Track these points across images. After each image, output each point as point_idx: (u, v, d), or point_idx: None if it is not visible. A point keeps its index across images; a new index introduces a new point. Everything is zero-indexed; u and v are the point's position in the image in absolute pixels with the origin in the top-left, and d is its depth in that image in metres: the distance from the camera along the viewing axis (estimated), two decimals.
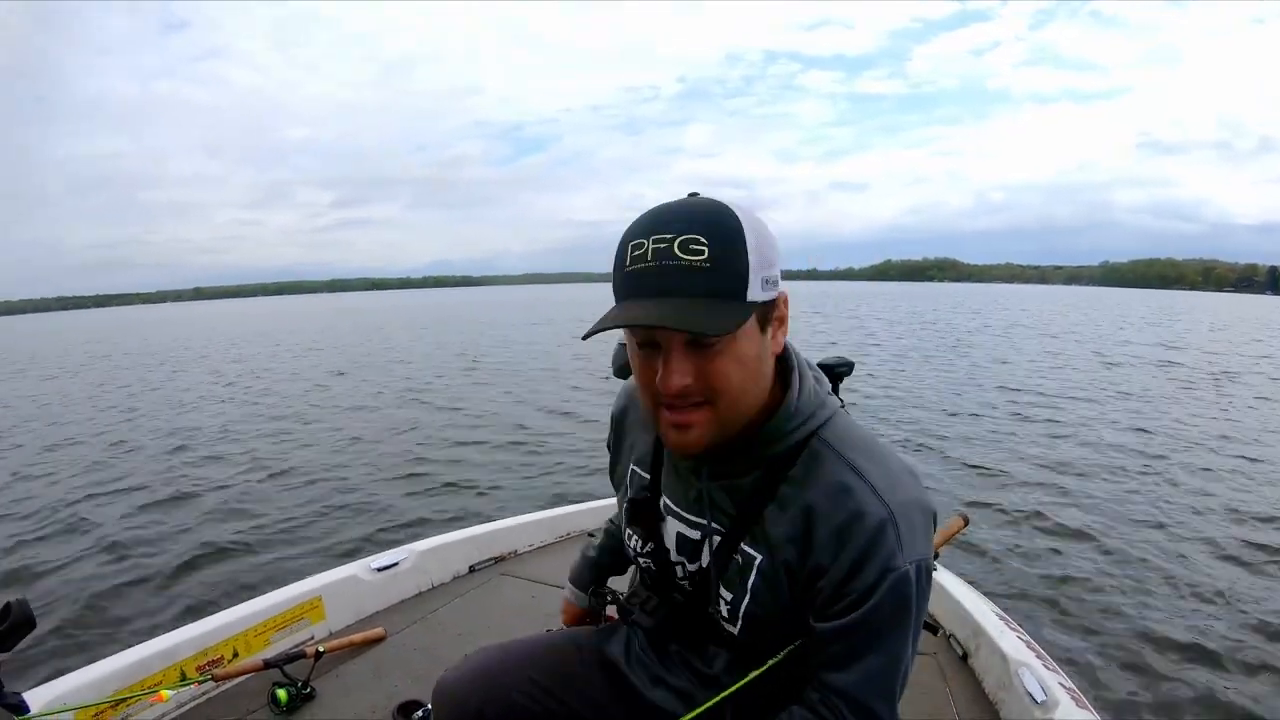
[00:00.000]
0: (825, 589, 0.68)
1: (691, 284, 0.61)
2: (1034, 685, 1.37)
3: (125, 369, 14.74)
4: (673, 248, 0.61)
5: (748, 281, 0.62)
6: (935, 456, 6.08)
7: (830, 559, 0.67)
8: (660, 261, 0.61)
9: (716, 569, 0.76)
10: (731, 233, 0.62)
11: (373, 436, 6.98)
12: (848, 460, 0.70)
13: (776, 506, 0.71)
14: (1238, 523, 4.44)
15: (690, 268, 0.61)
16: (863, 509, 0.67)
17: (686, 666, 0.86)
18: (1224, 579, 3.55)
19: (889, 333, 20.66)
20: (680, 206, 0.65)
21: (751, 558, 0.73)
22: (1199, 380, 11.07)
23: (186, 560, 3.81)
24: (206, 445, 6.80)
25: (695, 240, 0.61)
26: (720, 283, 0.61)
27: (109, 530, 4.34)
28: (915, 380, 10.70)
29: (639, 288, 0.63)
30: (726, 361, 0.64)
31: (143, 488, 5.33)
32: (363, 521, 4.42)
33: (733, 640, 0.77)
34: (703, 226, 0.62)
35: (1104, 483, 5.32)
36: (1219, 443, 6.69)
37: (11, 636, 0.92)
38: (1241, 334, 22.65)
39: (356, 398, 9.53)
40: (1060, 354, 14.72)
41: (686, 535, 0.79)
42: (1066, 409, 8.28)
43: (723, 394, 0.65)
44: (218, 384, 11.59)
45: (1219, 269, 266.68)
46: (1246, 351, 16.10)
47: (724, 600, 0.76)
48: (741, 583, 0.74)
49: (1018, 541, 4.06)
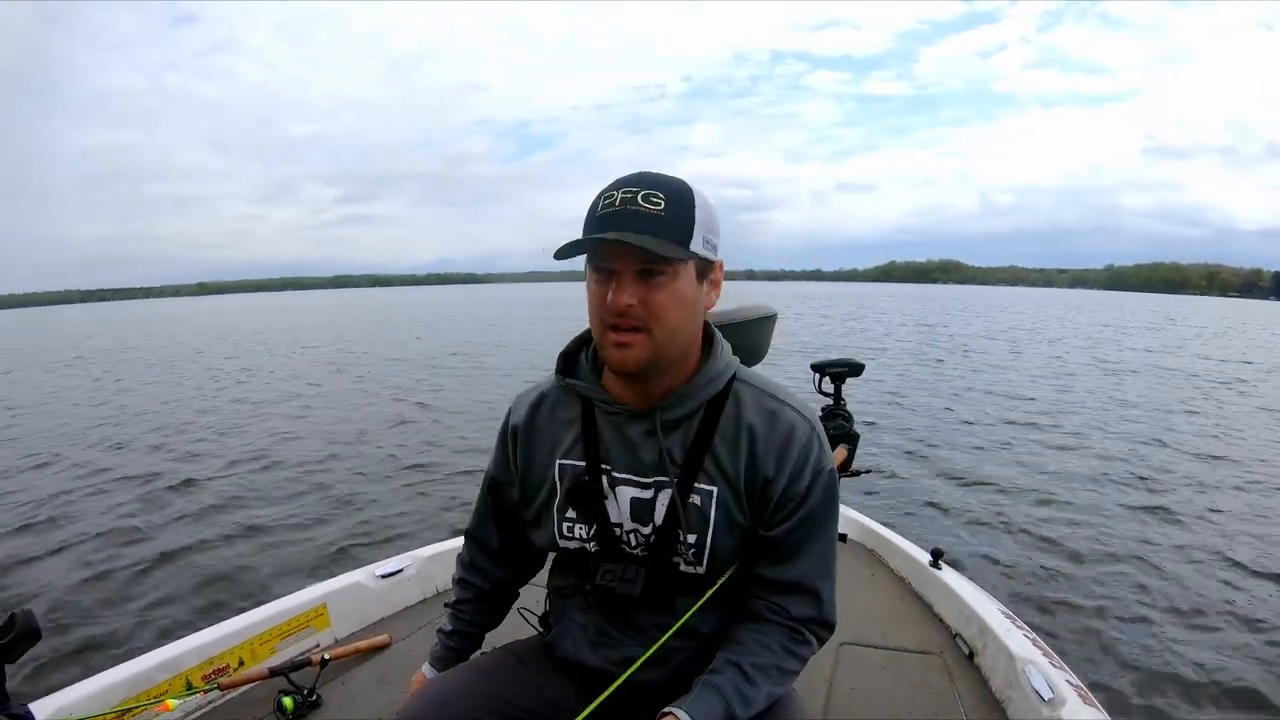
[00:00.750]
0: (773, 497, 0.83)
1: (648, 224, 0.76)
2: (1041, 683, 1.37)
3: (122, 364, 14.71)
4: (636, 197, 0.77)
5: (692, 234, 0.78)
6: (931, 458, 6.08)
7: (774, 469, 0.82)
8: (625, 206, 0.76)
9: (675, 515, 0.84)
10: (684, 196, 0.78)
11: (373, 438, 6.98)
12: (768, 392, 0.87)
13: (721, 436, 0.84)
14: (1246, 523, 4.44)
15: (649, 213, 0.76)
16: (793, 424, 0.84)
17: (653, 626, 0.88)
18: (1233, 577, 3.55)
19: (889, 336, 20.65)
20: (648, 173, 0.80)
21: (709, 492, 0.84)
22: (1202, 385, 11.06)
23: (186, 567, 3.81)
24: (201, 446, 6.79)
25: (655, 194, 0.77)
26: (671, 228, 0.76)
27: (104, 535, 4.33)
28: (910, 384, 10.69)
29: (606, 224, 0.77)
30: (666, 294, 0.78)
31: (136, 487, 5.30)
32: (365, 527, 4.42)
33: (698, 582, 0.86)
34: (663, 187, 0.78)
35: (1104, 483, 5.33)
36: (1222, 445, 6.68)
37: (16, 648, 0.92)
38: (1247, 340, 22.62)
39: (356, 396, 9.53)
40: (1060, 358, 14.72)
41: (640, 497, 0.87)
42: (1063, 412, 8.28)
43: (659, 322, 0.78)
44: (214, 382, 11.55)
45: (1224, 274, 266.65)
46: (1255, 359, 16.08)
47: (688, 545, 0.85)
48: (703, 520, 0.84)
49: (1020, 542, 4.06)
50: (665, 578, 0.87)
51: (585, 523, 0.89)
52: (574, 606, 0.95)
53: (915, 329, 22.20)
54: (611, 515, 0.88)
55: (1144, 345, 17.14)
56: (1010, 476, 5.41)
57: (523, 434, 0.94)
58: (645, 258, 0.75)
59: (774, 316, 1.56)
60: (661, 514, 0.85)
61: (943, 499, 4.85)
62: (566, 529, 0.90)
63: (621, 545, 0.88)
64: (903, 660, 1.66)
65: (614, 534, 0.88)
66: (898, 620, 1.87)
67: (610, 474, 0.87)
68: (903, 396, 9.12)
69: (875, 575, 2.15)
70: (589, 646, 0.92)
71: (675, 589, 0.87)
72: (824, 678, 1.58)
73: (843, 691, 1.54)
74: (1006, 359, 13.87)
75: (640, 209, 0.76)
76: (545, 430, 0.93)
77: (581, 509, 0.89)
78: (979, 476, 5.40)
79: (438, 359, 14.65)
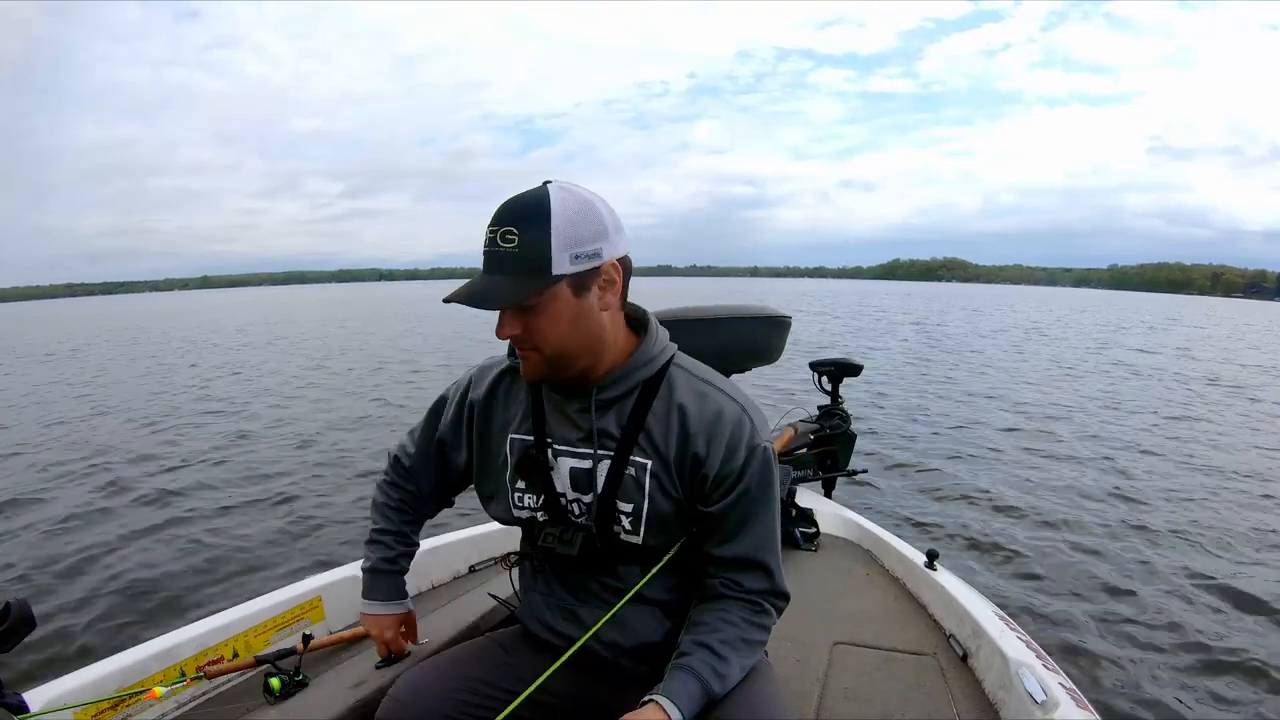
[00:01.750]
0: (709, 475, 0.88)
1: (504, 264, 0.81)
2: (1034, 686, 1.37)
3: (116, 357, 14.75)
4: (496, 238, 0.81)
5: (550, 260, 0.80)
6: (930, 459, 6.08)
7: (705, 448, 0.88)
8: (491, 248, 0.82)
9: (612, 484, 0.90)
10: (539, 221, 0.80)
11: (372, 433, 6.99)
12: (699, 376, 0.93)
13: (654, 414, 0.90)
14: (1239, 522, 4.45)
15: (506, 253, 0.80)
16: (722, 406, 0.89)
17: (607, 591, 0.95)
18: (1230, 583, 3.56)
19: (888, 335, 20.63)
20: (512, 201, 0.83)
21: (643, 464, 0.90)
22: (1202, 387, 11.06)
23: (179, 561, 3.82)
24: (194, 446, 6.81)
25: (510, 231, 0.80)
26: (524, 264, 0.80)
27: (101, 527, 4.35)
28: (909, 384, 10.70)
29: (484, 265, 0.83)
30: (543, 320, 0.83)
31: (129, 488, 5.33)
32: (359, 523, 4.43)
33: (638, 551, 0.92)
34: (517, 220, 0.81)
35: (1103, 488, 5.33)
36: (1226, 455, 6.68)
37: (12, 637, 0.92)
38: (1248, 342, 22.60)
39: (356, 398, 9.55)
40: (1058, 360, 14.71)
41: (579, 468, 0.93)
42: (1063, 416, 8.28)
43: (543, 343, 0.85)
44: (218, 375, 11.59)
45: (1228, 274, 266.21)
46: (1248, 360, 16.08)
47: (624, 515, 0.91)
48: (639, 490, 0.90)
49: (1016, 544, 4.06)
50: (608, 545, 0.93)
51: (534, 493, 0.96)
52: (526, 574, 1.05)
53: (913, 328, 22.20)
54: (557, 485, 0.95)
55: (1144, 345, 17.18)
56: (1009, 478, 5.42)
57: (480, 409, 1.01)
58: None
59: (788, 321, 1.56)
60: (600, 483, 0.92)
61: (940, 500, 4.86)
62: (518, 499, 0.98)
63: (567, 514, 0.95)
64: (896, 661, 1.67)
65: (560, 503, 0.95)
66: (891, 621, 1.87)
67: (553, 446, 0.94)
68: (903, 396, 9.13)
69: (870, 575, 2.16)
70: (555, 614, 1.00)
71: (618, 556, 0.94)
72: (817, 678, 1.58)
73: (835, 691, 1.54)
74: (1006, 359, 13.88)
75: (500, 250, 0.81)
76: (500, 408, 1.01)
77: (530, 479, 0.96)
78: (977, 478, 5.41)
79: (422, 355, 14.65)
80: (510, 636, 1.08)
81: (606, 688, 0.98)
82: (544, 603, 1.01)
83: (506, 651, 1.04)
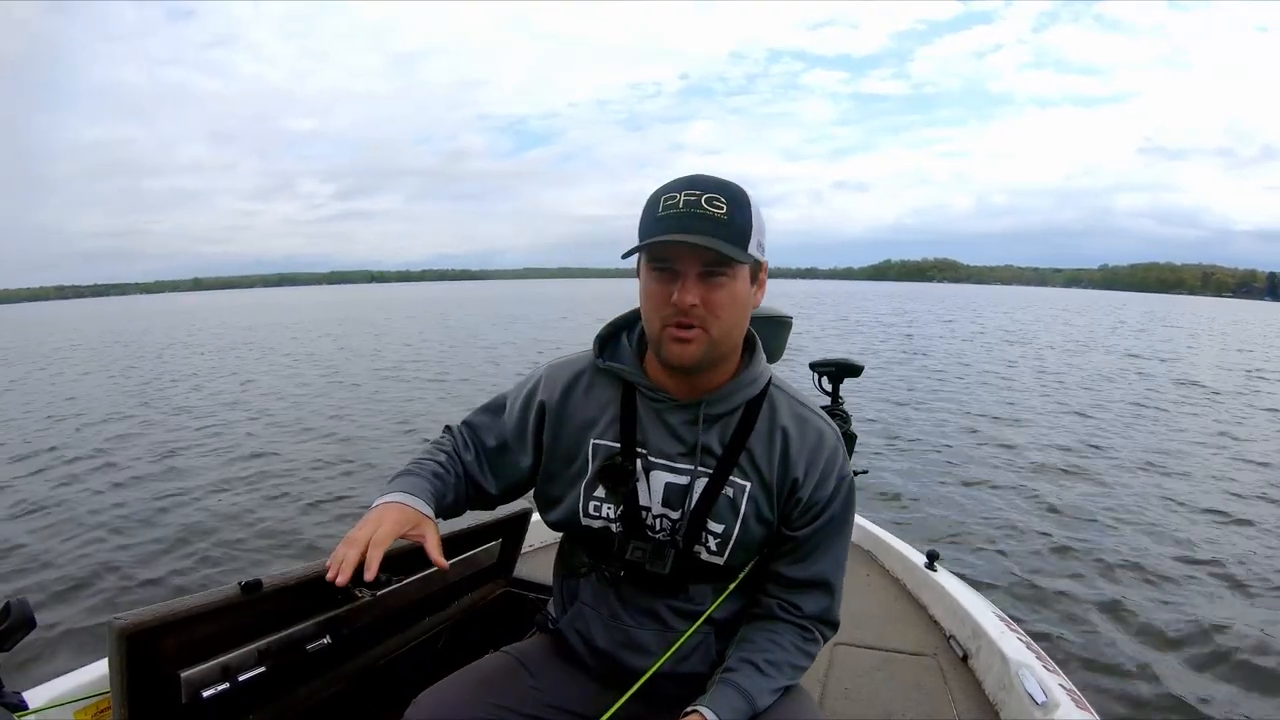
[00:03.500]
0: (801, 499, 0.88)
1: (711, 227, 0.79)
2: (1034, 687, 1.37)
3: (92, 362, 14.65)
4: (700, 200, 0.80)
5: (749, 238, 0.81)
6: (929, 459, 6.09)
7: (803, 473, 0.88)
8: (691, 209, 0.79)
9: (705, 503, 0.88)
10: (743, 202, 0.81)
11: (373, 434, 6.98)
12: (799, 400, 0.93)
13: (756, 435, 0.89)
14: (1234, 524, 4.46)
15: (714, 217, 0.79)
16: (822, 432, 0.90)
17: (671, 613, 0.92)
18: (1230, 583, 3.57)
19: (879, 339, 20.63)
20: (705, 175, 0.82)
21: (741, 486, 0.88)
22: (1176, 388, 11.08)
23: (173, 561, 3.81)
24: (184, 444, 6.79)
25: (717, 199, 0.80)
26: (732, 232, 0.80)
27: (95, 526, 4.33)
28: (909, 383, 10.70)
29: (671, 225, 0.79)
30: (725, 294, 0.81)
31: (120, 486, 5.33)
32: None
33: (715, 571, 0.90)
34: (724, 192, 0.80)
35: (1103, 488, 5.34)
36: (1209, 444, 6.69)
37: (11, 636, 0.92)
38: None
39: (356, 395, 9.53)
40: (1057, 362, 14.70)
41: (675, 483, 0.89)
42: (1061, 416, 8.29)
43: (718, 320, 0.82)
44: (221, 379, 11.54)
45: (1219, 274, 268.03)
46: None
47: (712, 535, 0.89)
48: (733, 511, 0.88)
49: (1016, 545, 4.07)
50: (685, 563, 0.90)
51: (613, 503, 0.91)
52: (587, 587, 0.96)
53: (905, 328, 22.21)
54: (640, 498, 0.90)
55: (1141, 345, 17.20)
56: (1008, 479, 5.42)
57: (554, 412, 0.94)
58: (708, 260, 0.79)
59: (789, 321, 1.56)
60: (694, 501, 0.88)
61: (939, 501, 4.86)
62: (593, 508, 0.92)
63: (645, 528, 0.90)
64: (896, 662, 1.67)
65: (639, 516, 0.90)
66: (892, 621, 1.87)
67: (645, 458, 0.90)
68: (904, 396, 9.14)
69: (870, 576, 2.16)
70: (600, 628, 0.94)
71: (692, 575, 0.90)
72: (818, 678, 1.58)
73: (836, 692, 1.55)
74: (1008, 359, 13.90)
75: (704, 212, 0.79)
76: (579, 409, 0.94)
77: (612, 489, 0.90)
78: (976, 479, 5.41)
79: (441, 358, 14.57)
80: (533, 651, 1.00)
81: (647, 709, 0.91)
82: (596, 619, 0.95)
83: (530, 672, 0.97)
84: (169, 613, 0.88)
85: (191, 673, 0.93)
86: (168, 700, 0.92)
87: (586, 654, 0.95)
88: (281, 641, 1.05)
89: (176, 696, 0.92)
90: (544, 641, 1.02)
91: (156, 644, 0.88)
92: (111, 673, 0.86)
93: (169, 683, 0.91)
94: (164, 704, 0.91)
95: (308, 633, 1.09)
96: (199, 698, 0.94)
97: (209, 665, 0.95)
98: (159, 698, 0.91)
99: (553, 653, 0.99)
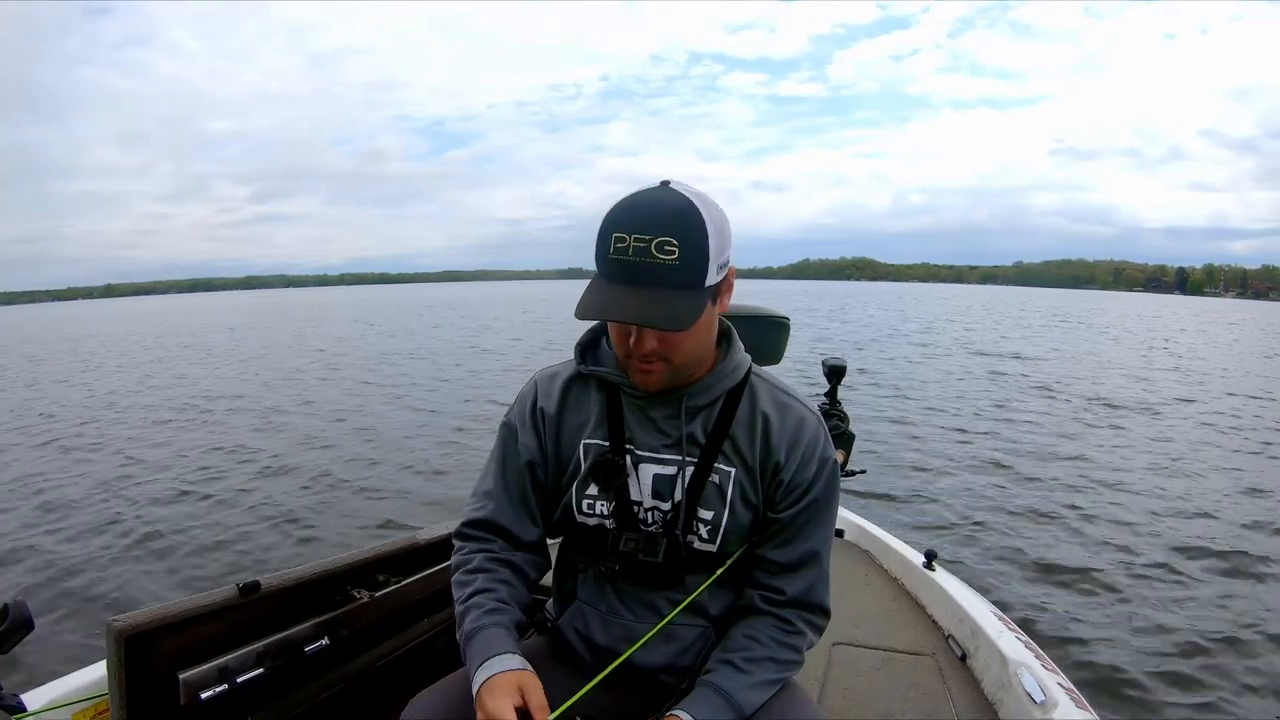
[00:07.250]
0: (783, 481, 0.89)
1: (662, 278, 0.76)
2: (1033, 685, 1.38)
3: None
4: (650, 247, 0.75)
5: (706, 272, 0.78)
6: (928, 459, 6.09)
7: (785, 456, 0.89)
8: (640, 258, 0.76)
9: (694, 491, 0.89)
10: (698, 231, 0.76)
11: (376, 435, 6.95)
12: (779, 386, 0.94)
13: (738, 423, 0.90)
14: (1234, 524, 4.46)
15: (664, 265, 0.76)
16: (803, 416, 0.91)
17: (669, 606, 0.91)
18: (1230, 583, 3.58)
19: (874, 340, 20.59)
20: (659, 206, 0.77)
21: (727, 472, 0.89)
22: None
23: (172, 561, 3.80)
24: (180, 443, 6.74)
25: (669, 242, 0.75)
26: (685, 277, 0.77)
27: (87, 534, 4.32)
28: (907, 383, 10.70)
29: (621, 275, 0.77)
30: (684, 336, 0.81)
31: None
32: (356, 520, 4.42)
33: (710, 560, 0.91)
34: (676, 230, 0.76)
35: (1102, 489, 5.34)
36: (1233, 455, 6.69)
37: (10, 639, 0.92)
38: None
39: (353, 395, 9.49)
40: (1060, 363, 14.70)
41: (663, 474, 0.90)
42: (1061, 416, 8.29)
43: (678, 355, 0.83)
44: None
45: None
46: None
47: (703, 523, 0.90)
48: (720, 498, 0.89)
49: (1015, 545, 4.07)
50: (680, 553, 0.91)
51: (605, 499, 0.92)
52: (584, 584, 0.96)
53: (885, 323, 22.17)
54: (632, 492, 0.91)
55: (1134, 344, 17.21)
56: (1008, 479, 5.43)
57: (552, 417, 0.95)
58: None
59: (787, 322, 1.56)
60: (682, 490, 0.90)
61: (938, 501, 4.86)
62: (586, 506, 0.93)
63: (638, 522, 0.91)
64: (895, 661, 1.67)
65: (632, 510, 0.91)
66: (891, 621, 1.87)
67: (634, 452, 0.91)
68: (903, 396, 9.14)
69: (869, 575, 2.16)
70: (599, 624, 0.94)
71: (686, 565, 0.91)
72: (816, 678, 1.58)
73: (835, 692, 1.55)
74: (1005, 358, 13.91)
75: (655, 261, 0.75)
76: (571, 415, 0.95)
77: (604, 485, 0.91)
78: (976, 479, 5.43)
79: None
80: (532, 651, 0.94)
81: (644, 705, 0.91)
82: (594, 615, 0.94)
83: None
84: (167, 614, 0.88)
85: (190, 674, 0.93)
86: (166, 702, 0.91)
87: (586, 651, 0.95)
88: (280, 643, 1.05)
89: (175, 698, 0.92)
90: (543, 641, 1.01)
91: (155, 646, 0.88)
92: (110, 674, 0.86)
93: (167, 684, 0.91)
94: (162, 706, 0.91)
95: (306, 634, 1.09)
96: (197, 699, 0.94)
97: (207, 667, 0.96)
98: (157, 699, 0.91)
99: (552, 652, 0.99)
